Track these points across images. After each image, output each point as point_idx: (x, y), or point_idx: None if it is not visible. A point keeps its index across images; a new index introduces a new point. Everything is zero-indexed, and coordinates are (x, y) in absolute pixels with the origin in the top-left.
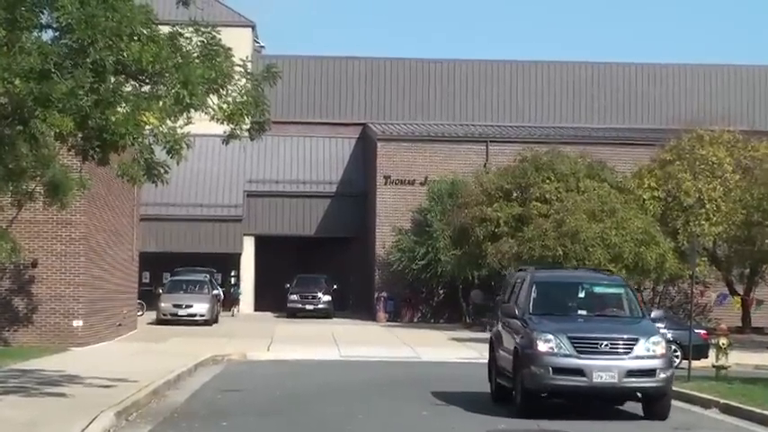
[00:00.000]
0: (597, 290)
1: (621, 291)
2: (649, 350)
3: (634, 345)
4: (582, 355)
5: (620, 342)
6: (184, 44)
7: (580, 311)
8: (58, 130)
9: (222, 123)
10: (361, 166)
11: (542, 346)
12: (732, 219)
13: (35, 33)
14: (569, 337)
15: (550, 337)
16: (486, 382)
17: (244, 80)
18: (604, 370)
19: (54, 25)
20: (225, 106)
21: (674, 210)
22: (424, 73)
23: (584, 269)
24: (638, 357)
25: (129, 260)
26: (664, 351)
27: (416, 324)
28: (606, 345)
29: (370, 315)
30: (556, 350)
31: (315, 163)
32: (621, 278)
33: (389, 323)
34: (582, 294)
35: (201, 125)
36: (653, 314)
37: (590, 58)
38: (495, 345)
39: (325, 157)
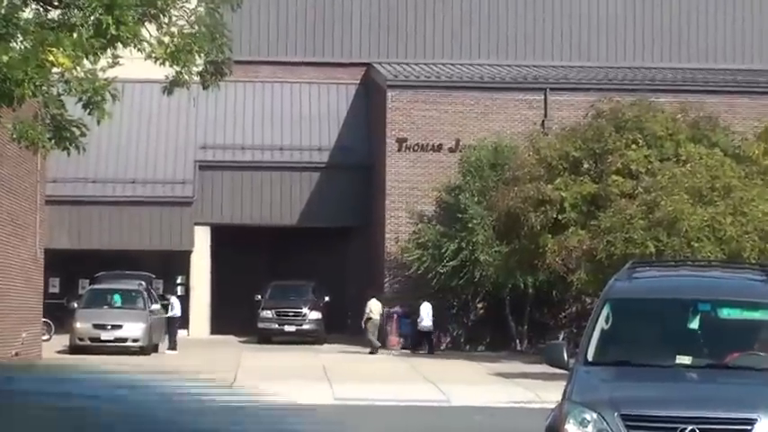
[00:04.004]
0: (727, 314)
1: None
2: None
3: (749, 430)
4: None
5: (721, 425)
6: None
7: (682, 358)
8: None
9: (163, 64)
10: (365, 124)
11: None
12: None
13: None
14: (624, 417)
15: (590, 415)
16: None
17: (194, 2)
18: None
19: None
20: (167, 40)
21: None
22: None
23: (725, 267)
24: None
25: (30, 261)
26: None
27: (444, 352)
28: (692, 431)
29: (377, 339)
30: None
31: (297, 121)
32: None
33: (405, 351)
34: (694, 323)
35: (134, 67)
36: None
37: None
38: None
39: (312, 112)
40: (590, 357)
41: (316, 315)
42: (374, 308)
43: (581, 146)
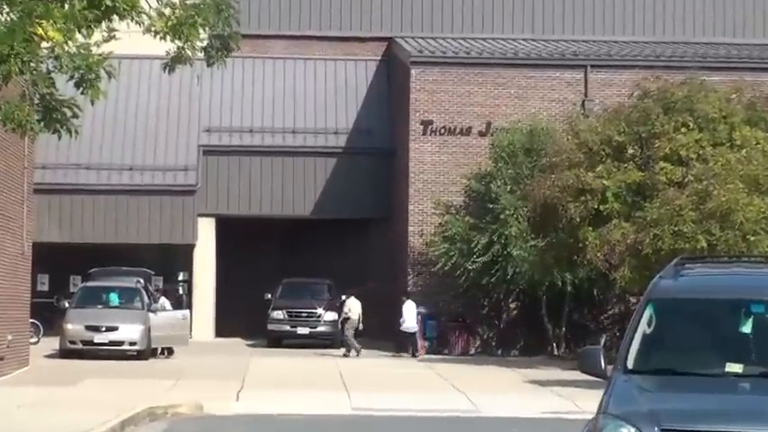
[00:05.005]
0: None
1: None
2: None
3: None
4: None
5: None
6: None
7: (732, 366)
8: None
9: (164, 39)
10: (386, 105)
11: None
12: None
13: None
14: None
15: (627, 430)
16: None
17: None
18: None
19: None
20: (167, 12)
21: None
22: None
23: None
24: None
25: (16, 256)
26: None
27: (474, 357)
28: None
29: (399, 343)
30: None
31: (312, 102)
32: None
33: (431, 356)
34: (747, 327)
35: (131, 42)
36: None
37: None
38: None
39: (327, 91)
40: (630, 365)
41: (331, 316)
42: (353, 307)
43: (625, 129)
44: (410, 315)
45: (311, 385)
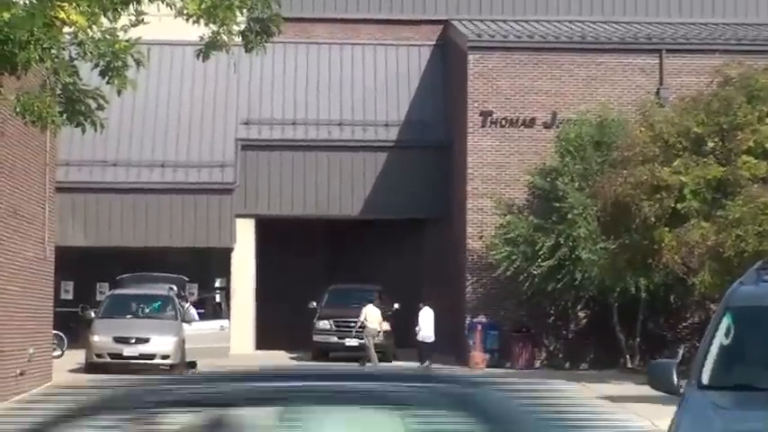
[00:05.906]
0: None
1: None
2: None
3: None
4: None
5: None
6: None
7: None
8: None
9: (197, 23)
10: (441, 95)
11: None
12: None
13: None
14: None
15: None
16: None
17: None
18: None
19: None
20: None
21: None
22: None
23: None
24: None
25: (37, 261)
26: None
27: (539, 371)
28: None
29: (458, 355)
30: None
31: (360, 91)
32: None
33: (492, 370)
34: None
35: (162, 26)
36: None
37: None
38: None
39: (377, 80)
40: (705, 380)
41: (383, 326)
42: (370, 314)
43: (704, 120)
44: (427, 323)
45: None
